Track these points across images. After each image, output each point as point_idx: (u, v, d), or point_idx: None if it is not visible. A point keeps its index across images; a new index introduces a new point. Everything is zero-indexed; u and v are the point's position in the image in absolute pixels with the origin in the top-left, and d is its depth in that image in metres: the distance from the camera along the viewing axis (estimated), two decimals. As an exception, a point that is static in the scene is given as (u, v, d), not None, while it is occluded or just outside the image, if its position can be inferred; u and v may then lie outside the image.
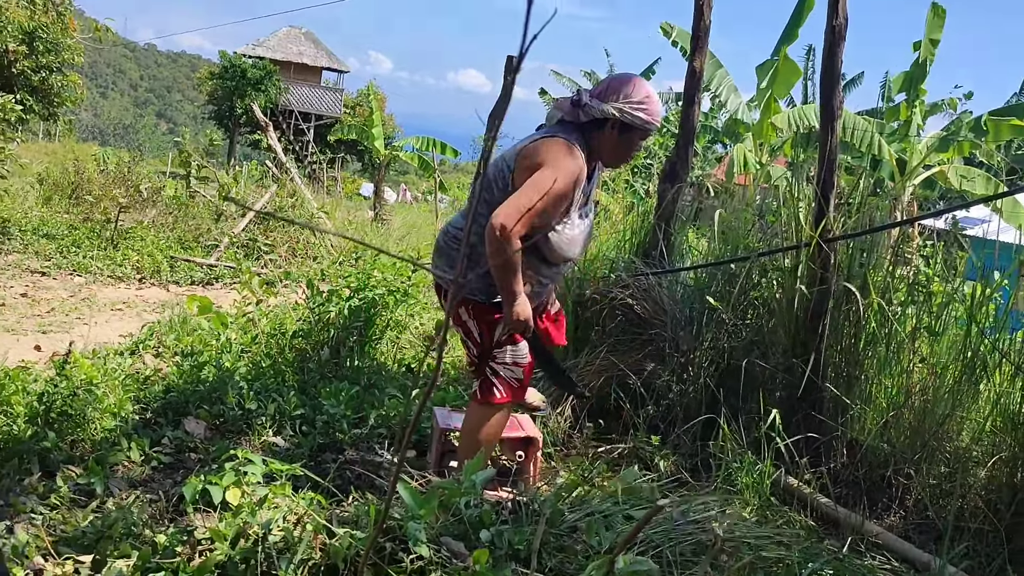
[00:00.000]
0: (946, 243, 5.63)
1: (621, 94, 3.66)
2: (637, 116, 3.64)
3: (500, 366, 3.72)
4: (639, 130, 3.70)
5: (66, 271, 9.35)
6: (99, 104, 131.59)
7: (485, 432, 3.75)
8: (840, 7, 4.60)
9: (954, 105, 18.71)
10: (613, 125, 3.67)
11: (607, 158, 3.84)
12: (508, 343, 3.73)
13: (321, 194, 17.42)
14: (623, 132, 3.69)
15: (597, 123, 3.70)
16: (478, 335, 3.74)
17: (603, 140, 3.72)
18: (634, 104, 3.64)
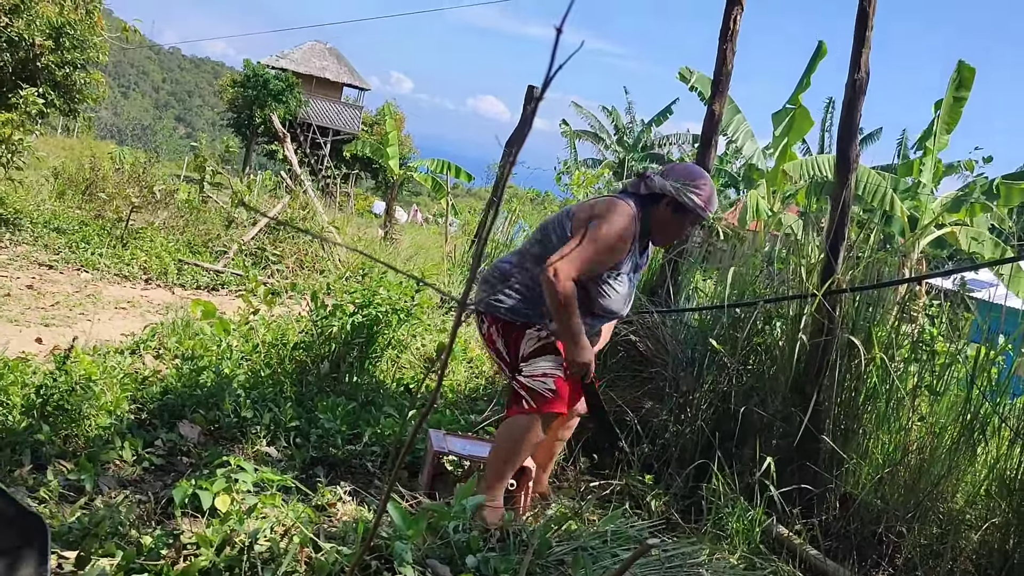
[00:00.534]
0: (952, 304, 5.63)
1: (681, 176, 3.95)
2: (690, 198, 3.89)
3: (528, 378, 3.80)
4: (691, 213, 3.94)
5: (73, 266, 9.37)
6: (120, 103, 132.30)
7: (512, 442, 3.80)
8: (862, 62, 4.62)
9: (970, 167, 18.76)
10: (668, 203, 3.94)
11: (658, 235, 4.07)
12: (536, 356, 3.83)
13: (333, 209, 17.48)
14: (676, 211, 3.95)
15: (655, 198, 3.96)
16: (506, 353, 3.90)
17: (658, 215, 3.97)
18: (690, 186, 3.91)
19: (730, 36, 5.85)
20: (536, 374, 3.79)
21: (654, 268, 6.04)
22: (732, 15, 5.83)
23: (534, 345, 3.85)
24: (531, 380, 3.79)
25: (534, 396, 3.77)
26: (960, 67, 15.83)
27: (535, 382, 3.78)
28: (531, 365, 3.81)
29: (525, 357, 3.83)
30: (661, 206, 3.95)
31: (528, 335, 3.86)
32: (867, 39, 4.65)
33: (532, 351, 3.84)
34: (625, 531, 3.47)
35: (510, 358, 3.89)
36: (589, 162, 37.80)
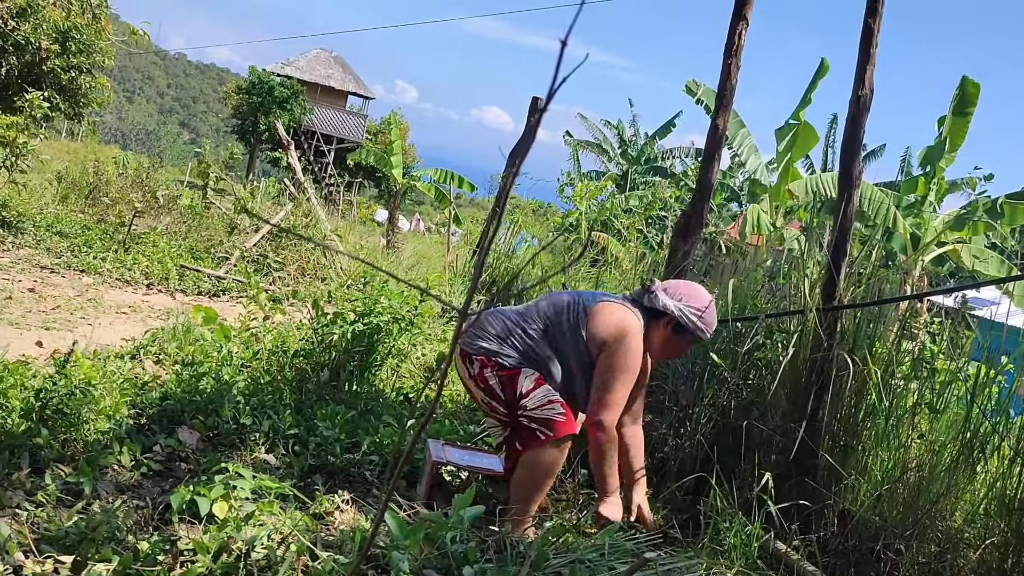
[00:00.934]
0: (954, 321, 5.63)
1: (685, 298, 4.08)
2: (692, 320, 4.05)
3: (535, 410, 3.81)
4: (690, 334, 4.09)
5: (75, 270, 9.38)
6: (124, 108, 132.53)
7: (540, 475, 3.82)
8: (867, 78, 4.63)
9: (973, 184, 18.78)
10: (669, 322, 4.08)
11: (655, 349, 4.18)
12: (535, 388, 3.84)
13: (336, 217, 17.49)
14: (676, 331, 4.10)
15: (656, 313, 4.08)
16: (501, 392, 3.87)
17: (656, 331, 4.10)
18: (693, 309, 4.06)
19: (735, 51, 5.85)
20: (542, 404, 3.81)
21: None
22: (737, 30, 5.84)
23: (532, 380, 3.87)
24: (539, 410, 3.80)
25: (546, 424, 3.78)
26: (964, 83, 15.85)
27: (544, 411, 3.79)
28: (532, 398, 3.82)
29: (525, 393, 3.84)
30: (662, 323, 4.08)
31: (524, 372, 3.88)
32: (872, 56, 4.66)
33: (532, 386, 3.85)
34: (623, 544, 3.46)
35: (506, 396, 3.87)
36: (592, 174, 37.85)
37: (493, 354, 3.92)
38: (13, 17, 15.32)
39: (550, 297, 4.17)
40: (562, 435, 3.77)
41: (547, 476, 3.83)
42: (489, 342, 3.96)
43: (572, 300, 4.07)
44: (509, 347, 3.93)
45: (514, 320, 4.04)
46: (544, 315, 4.02)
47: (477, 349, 3.96)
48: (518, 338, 3.95)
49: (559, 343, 3.96)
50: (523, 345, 3.94)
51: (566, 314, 3.99)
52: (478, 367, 3.93)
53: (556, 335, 3.97)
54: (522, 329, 3.98)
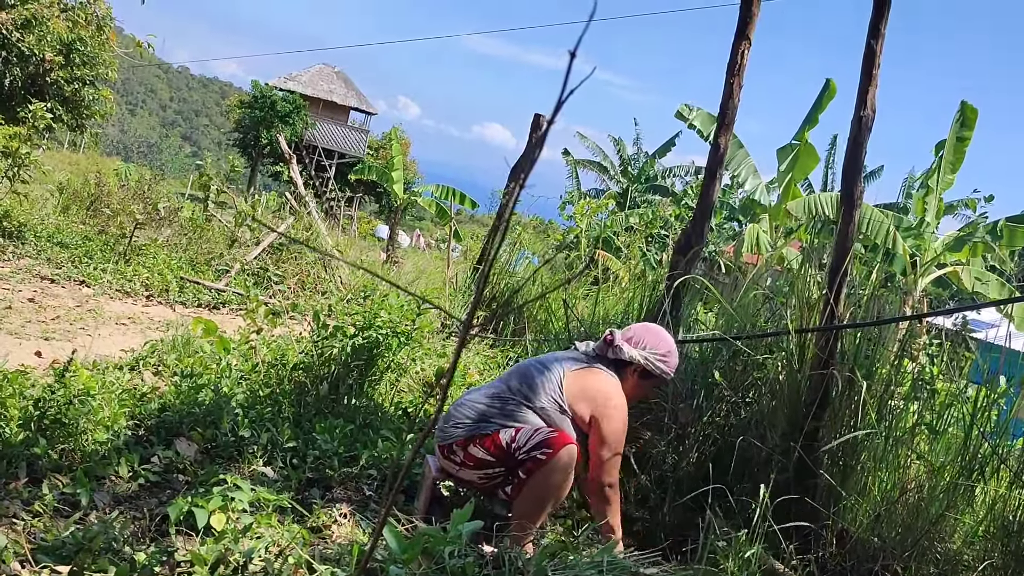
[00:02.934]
0: (953, 343, 5.63)
1: (649, 345, 4.22)
2: (658, 366, 4.23)
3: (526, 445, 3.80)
4: (657, 378, 4.28)
5: (75, 280, 9.38)
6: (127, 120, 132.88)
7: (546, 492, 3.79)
8: (869, 99, 4.64)
9: (973, 206, 18.82)
10: (635, 370, 4.21)
11: (626, 397, 4.20)
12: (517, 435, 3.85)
13: (336, 231, 17.51)
14: (643, 377, 4.25)
15: (622, 364, 4.20)
16: (491, 456, 3.87)
17: (626, 381, 4.21)
18: (658, 356, 4.23)
19: (737, 70, 5.87)
20: (531, 435, 3.81)
21: (655, 299, 6.04)
22: (740, 50, 5.86)
23: (514, 429, 3.87)
24: (530, 441, 3.79)
25: (540, 445, 3.76)
26: (963, 107, 15.92)
27: (534, 438, 3.79)
28: (519, 439, 3.82)
29: (512, 440, 3.83)
30: (629, 372, 4.20)
31: (504, 430, 3.88)
32: (874, 77, 4.67)
33: (515, 433, 3.85)
34: (621, 562, 3.45)
35: (497, 456, 3.85)
36: (593, 192, 37.91)
37: (471, 433, 3.91)
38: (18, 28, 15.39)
39: (518, 373, 4.15)
40: (560, 447, 3.73)
41: (551, 496, 3.79)
42: (465, 427, 3.95)
43: (541, 375, 4.07)
44: (488, 424, 3.93)
45: (487, 403, 4.02)
46: (521, 393, 4.01)
47: (454, 436, 3.95)
48: (497, 418, 3.94)
49: (546, 416, 3.96)
50: (503, 421, 3.93)
51: (542, 389, 4.00)
52: (461, 452, 3.92)
53: (539, 411, 3.97)
54: (499, 410, 3.96)
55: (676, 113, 18.63)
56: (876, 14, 4.64)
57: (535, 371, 4.08)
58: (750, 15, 5.84)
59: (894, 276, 16.78)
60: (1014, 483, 4.03)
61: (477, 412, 3.99)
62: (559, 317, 8.02)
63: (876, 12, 4.64)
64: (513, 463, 3.81)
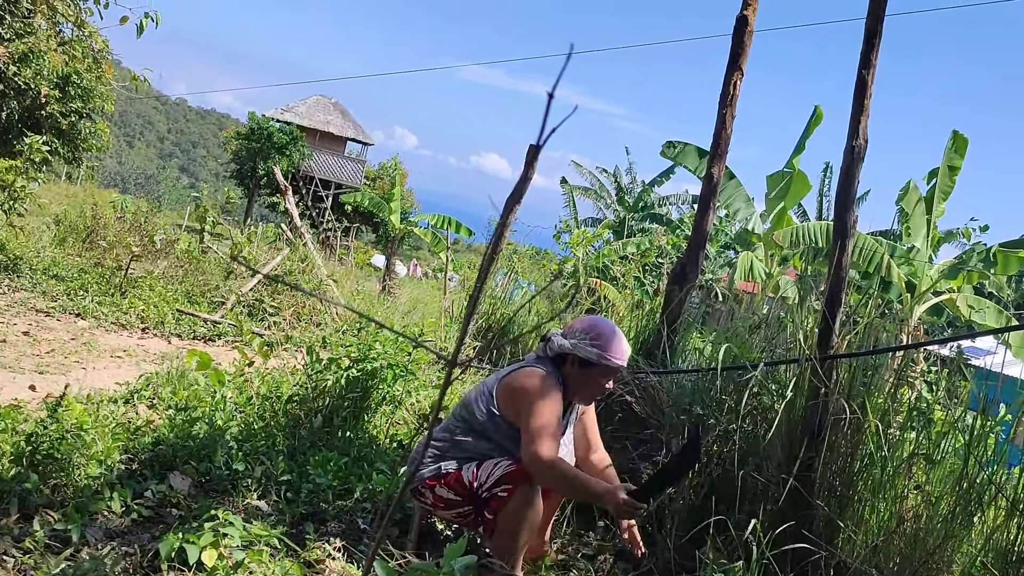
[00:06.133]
0: (950, 371, 5.61)
1: (579, 331, 4.00)
2: (591, 352, 3.94)
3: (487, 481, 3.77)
4: (597, 366, 3.97)
5: (71, 313, 9.36)
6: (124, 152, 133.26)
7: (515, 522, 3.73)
8: (861, 128, 4.66)
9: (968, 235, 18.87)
10: (572, 361, 3.99)
11: (576, 393, 4.09)
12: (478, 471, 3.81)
13: (333, 261, 17.52)
14: (582, 367, 3.99)
15: (562, 358, 4.02)
16: (456, 495, 3.84)
17: (568, 375, 4.01)
18: (587, 341, 3.95)
19: (730, 101, 5.91)
20: (491, 470, 3.78)
21: (651, 328, 6.04)
22: (732, 80, 5.90)
23: (475, 465, 3.84)
24: (491, 477, 3.77)
25: (501, 480, 3.74)
26: (955, 136, 16.02)
27: (494, 474, 3.76)
28: (480, 477, 3.79)
29: (473, 478, 3.81)
30: (567, 365, 4.02)
31: (465, 467, 3.86)
32: (866, 107, 4.69)
33: (476, 470, 3.82)
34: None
35: (462, 494, 3.83)
36: (589, 221, 38.02)
37: (435, 473, 3.90)
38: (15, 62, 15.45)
39: (462, 400, 4.14)
40: (520, 480, 3.70)
41: (522, 528, 3.74)
42: (428, 468, 3.94)
43: (476, 391, 4.05)
44: (446, 462, 3.92)
45: (440, 438, 4.03)
46: (461, 418, 4.00)
47: (421, 479, 3.94)
48: (451, 452, 3.94)
49: (487, 434, 3.92)
50: (456, 453, 3.92)
51: (475, 406, 3.97)
52: (430, 494, 3.91)
53: (477, 428, 3.93)
54: (449, 442, 3.97)
55: (661, 152, 18.65)
56: (867, 45, 4.67)
57: (474, 391, 4.08)
58: (742, 47, 5.88)
59: (891, 303, 16.79)
60: (1011, 513, 4.00)
61: (435, 453, 3.99)
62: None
63: (867, 43, 4.67)
64: (479, 502, 3.79)
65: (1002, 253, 15.73)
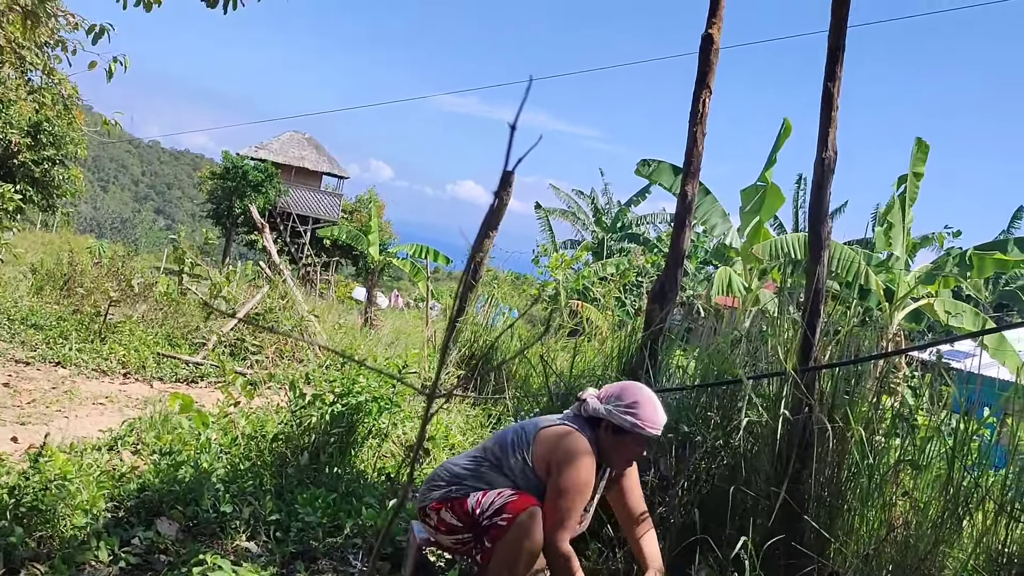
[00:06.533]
0: (932, 376, 5.64)
1: (614, 397, 3.97)
2: (625, 419, 3.90)
3: (488, 510, 3.75)
4: (631, 434, 3.93)
5: (51, 362, 9.29)
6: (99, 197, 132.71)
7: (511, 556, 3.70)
8: (830, 141, 4.71)
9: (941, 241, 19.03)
10: (607, 427, 3.96)
11: (607, 458, 4.05)
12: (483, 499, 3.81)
13: (313, 297, 17.47)
14: (616, 434, 3.96)
15: (595, 423, 3.99)
16: (459, 521, 3.85)
17: (604, 441, 3.98)
18: (622, 407, 3.93)
19: (700, 119, 5.95)
20: (493, 500, 3.77)
21: (634, 349, 6.05)
22: (701, 98, 5.95)
23: (480, 493, 3.84)
24: (492, 507, 3.76)
25: (501, 510, 3.72)
26: (918, 143, 16.21)
27: (495, 504, 3.75)
28: (483, 505, 3.78)
29: (476, 506, 3.80)
30: (601, 430, 3.99)
31: (472, 494, 3.86)
32: (833, 119, 4.74)
33: (480, 497, 3.82)
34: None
35: (464, 521, 3.84)
36: (568, 243, 38.13)
37: (444, 496, 3.91)
38: (-16, 114, 15.41)
39: (496, 435, 4.14)
40: (519, 511, 3.68)
41: (519, 561, 3.71)
42: (441, 490, 3.96)
43: (515, 434, 4.02)
44: (460, 487, 3.92)
45: (463, 464, 4.03)
46: (493, 454, 3.99)
47: (429, 499, 3.96)
48: (469, 480, 3.94)
49: (514, 478, 3.91)
50: (474, 483, 3.92)
51: (511, 450, 3.96)
52: (435, 516, 3.93)
53: (506, 470, 3.93)
54: (473, 472, 3.96)
55: (636, 170, 18.72)
56: (831, 59, 4.73)
57: (511, 432, 4.06)
58: (708, 65, 5.94)
59: (870, 311, 16.87)
60: (999, 515, 4.02)
61: (452, 474, 3.99)
62: (539, 372, 8.00)
63: (831, 57, 4.73)
64: (479, 529, 3.78)
65: (977, 256, 15.86)
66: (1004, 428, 4.67)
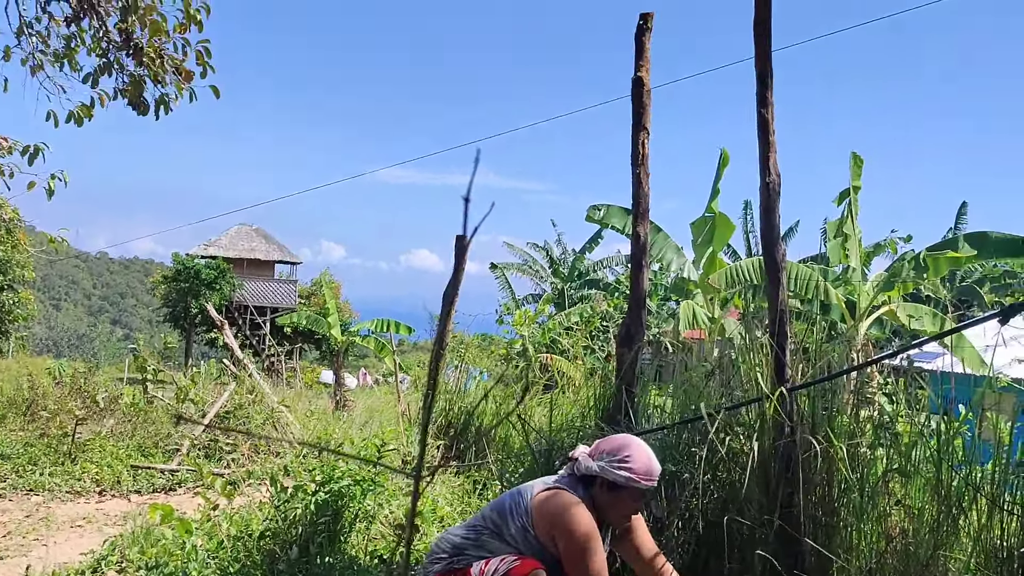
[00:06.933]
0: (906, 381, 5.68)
1: (606, 452, 3.92)
2: (619, 475, 3.85)
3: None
4: (627, 489, 3.89)
5: (22, 491, 9.08)
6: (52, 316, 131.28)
7: None
8: (771, 164, 4.78)
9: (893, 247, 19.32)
10: (601, 484, 3.91)
11: (605, 515, 3.98)
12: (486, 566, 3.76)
13: (281, 387, 17.30)
14: (611, 490, 3.91)
15: (590, 480, 3.94)
16: None
17: (598, 497, 3.93)
18: (615, 463, 3.87)
19: (641, 160, 6.03)
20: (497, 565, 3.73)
21: (609, 394, 6.04)
22: (639, 140, 6.03)
23: (483, 561, 3.80)
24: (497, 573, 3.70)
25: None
26: (854, 158, 16.58)
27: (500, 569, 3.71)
28: (487, 572, 3.74)
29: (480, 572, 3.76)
30: (596, 487, 3.95)
31: (475, 566, 3.81)
32: (772, 143, 4.82)
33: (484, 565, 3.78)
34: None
35: None
36: (529, 298, 38.22)
37: (447, 568, 3.87)
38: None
39: (493, 503, 4.10)
40: (524, 574, 3.65)
41: None
42: (443, 562, 3.92)
43: (512, 500, 3.97)
44: (462, 558, 3.88)
45: (462, 535, 3.99)
46: (492, 522, 3.94)
47: (432, 572, 3.92)
48: (471, 550, 3.90)
49: (516, 545, 3.87)
50: (476, 553, 3.88)
51: (510, 515, 3.91)
52: None
53: (507, 537, 3.88)
54: (473, 541, 3.92)
55: (587, 216, 18.91)
56: (761, 86, 4.82)
57: (508, 499, 4.01)
58: (642, 106, 6.03)
59: (835, 325, 17.04)
60: (992, 511, 4.04)
61: (453, 546, 3.94)
62: (519, 432, 7.96)
63: (760, 84, 4.83)
64: None
65: (931, 257, 16.11)
66: (984, 423, 4.70)
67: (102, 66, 7.03)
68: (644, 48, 6.13)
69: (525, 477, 5.65)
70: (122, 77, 7.12)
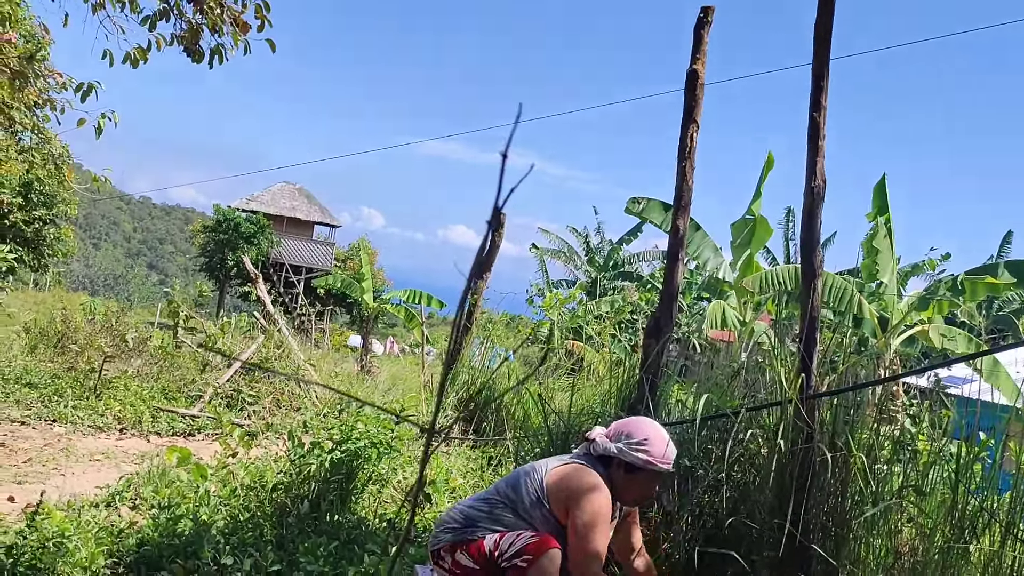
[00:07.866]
0: (931, 402, 5.64)
1: (624, 435, 3.96)
2: (637, 457, 3.90)
3: (507, 551, 3.71)
4: (644, 471, 3.94)
5: (46, 420, 9.24)
6: (91, 255, 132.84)
7: None
8: (818, 169, 4.74)
9: (932, 266, 19.09)
10: (619, 465, 3.94)
11: (621, 495, 4.02)
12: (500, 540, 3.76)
13: (309, 346, 17.42)
14: (629, 472, 3.95)
15: (606, 461, 3.97)
16: (475, 563, 3.80)
17: (616, 478, 3.96)
18: (633, 445, 3.92)
19: (688, 153, 5.99)
20: (512, 541, 3.73)
21: (631, 386, 6.03)
22: (688, 133, 5.99)
23: (497, 535, 3.81)
24: (511, 548, 3.71)
25: (521, 551, 3.68)
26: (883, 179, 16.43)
27: (515, 545, 3.71)
28: (501, 547, 3.74)
29: (494, 547, 3.77)
30: (613, 468, 3.97)
31: (488, 536, 3.83)
32: (820, 148, 4.77)
33: (498, 538, 3.79)
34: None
35: (480, 564, 3.79)
36: (562, 283, 38.16)
37: (459, 539, 3.87)
38: (-25, 175, 15.44)
39: (507, 478, 4.12)
40: (541, 552, 3.64)
41: None
42: (454, 532, 3.92)
43: (527, 476, 3.99)
44: (475, 529, 3.89)
45: (475, 506, 4.00)
46: (506, 496, 3.96)
47: (443, 541, 3.92)
48: (484, 522, 3.90)
49: (530, 519, 3.88)
50: (489, 525, 3.89)
51: (524, 489, 3.93)
52: (449, 559, 3.88)
53: (521, 512, 3.89)
54: (487, 513, 3.93)
55: (626, 208, 18.78)
56: (815, 89, 4.77)
57: (522, 473, 4.02)
58: (695, 100, 5.98)
59: (865, 339, 16.89)
60: (1006, 538, 4.00)
61: (465, 516, 3.95)
62: (538, 412, 7.97)
63: (815, 87, 4.77)
64: (496, 571, 3.73)
65: (968, 281, 15.91)
66: (1007, 452, 4.65)
67: (162, 10, 7.07)
68: (702, 41, 6.08)
69: (540, 456, 5.66)
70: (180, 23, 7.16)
